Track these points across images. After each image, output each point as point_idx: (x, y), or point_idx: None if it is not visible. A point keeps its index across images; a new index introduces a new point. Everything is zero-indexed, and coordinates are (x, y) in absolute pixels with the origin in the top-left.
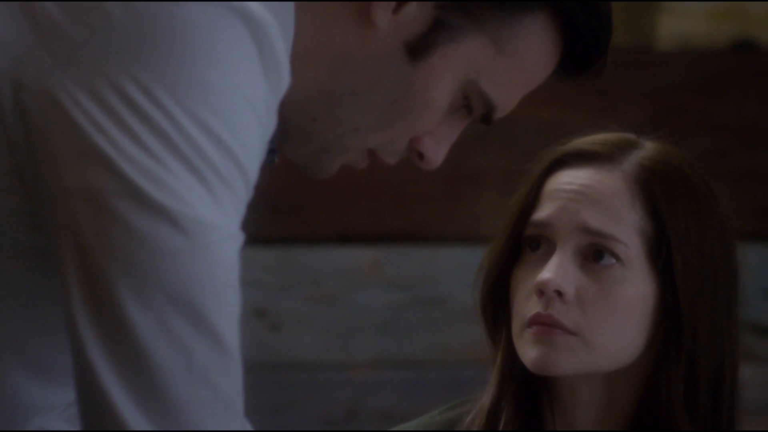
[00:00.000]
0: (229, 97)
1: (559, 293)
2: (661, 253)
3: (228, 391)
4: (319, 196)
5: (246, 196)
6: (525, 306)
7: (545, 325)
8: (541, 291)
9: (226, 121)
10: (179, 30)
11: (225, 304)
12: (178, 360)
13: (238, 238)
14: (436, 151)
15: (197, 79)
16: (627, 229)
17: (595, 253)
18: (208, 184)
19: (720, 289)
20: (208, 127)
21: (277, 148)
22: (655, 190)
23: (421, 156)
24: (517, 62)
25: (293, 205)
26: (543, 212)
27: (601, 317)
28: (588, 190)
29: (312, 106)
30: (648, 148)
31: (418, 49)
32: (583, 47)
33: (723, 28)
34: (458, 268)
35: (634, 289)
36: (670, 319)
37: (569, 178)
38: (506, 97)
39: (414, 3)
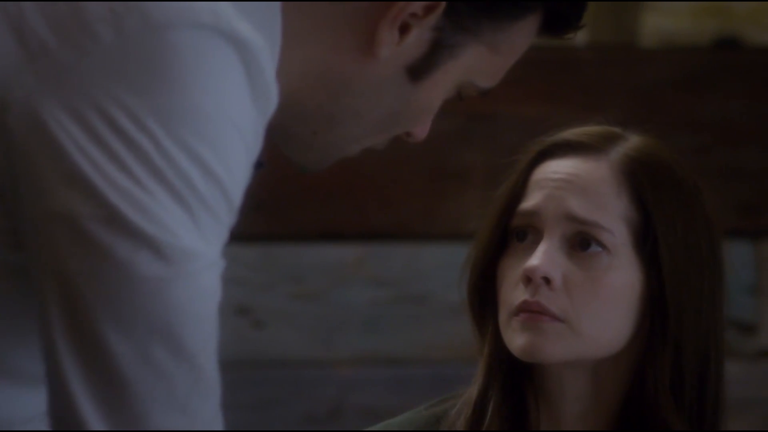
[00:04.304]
0: (218, 124)
1: (547, 280)
2: (647, 242)
3: (206, 420)
4: (302, 193)
5: (229, 222)
6: (512, 294)
7: (533, 312)
8: (528, 278)
9: (214, 147)
10: (169, 56)
11: (205, 332)
12: (159, 389)
13: (219, 265)
14: (424, 129)
15: (187, 105)
16: (612, 217)
17: (581, 242)
18: (192, 212)
19: (705, 279)
20: (196, 154)
21: (277, 151)
22: (641, 179)
23: (408, 134)
24: (509, 55)
25: (276, 202)
26: (530, 202)
27: (588, 304)
28: (574, 178)
29: (312, 122)
30: (633, 140)
31: (419, 71)
32: (565, 22)
33: (706, 25)
34: (441, 266)
35: (621, 277)
36: (656, 308)
37: (555, 168)
38: (497, 80)
39: (414, 30)
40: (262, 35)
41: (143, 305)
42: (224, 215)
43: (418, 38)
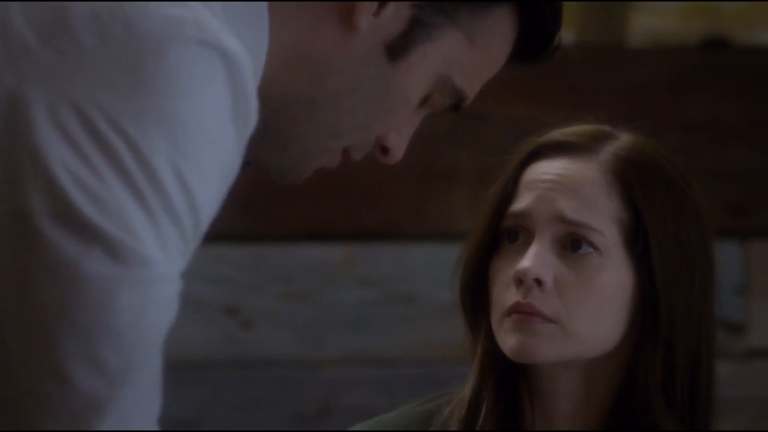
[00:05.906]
0: (195, 136)
1: (538, 282)
2: (638, 241)
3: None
4: (290, 192)
5: (194, 240)
6: (504, 296)
7: (525, 314)
8: (520, 280)
9: (188, 158)
10: (151, 65)
11: (152, 345)
12: (105, 392)
13: (175, 282)
14: (400, 146)
15: (165, 111)
16: (603, 217)
17: (572, 242)
18: (155, 218)
19: (696, 277)
20: (169, 161)
21: (252, 157)
22: (631, 179)
23: (384, 150)
24: (486, 53)
25: (264, 201)
26: (521, 203)
27: (579, 305)
28: (564, 179)
29: (292, 111)
30: (623, 139)
31: (397, 49)
32: (539, 36)
33: (694, 25)
34: (430, 265)
35: (612, 277)
36: (647, 307)
37: (546, 168)
38: (474, 87)
39: (392, 4)
40: (247, 46)
41: (91, 306)
42: (189, 229)
43: (397, 13)
